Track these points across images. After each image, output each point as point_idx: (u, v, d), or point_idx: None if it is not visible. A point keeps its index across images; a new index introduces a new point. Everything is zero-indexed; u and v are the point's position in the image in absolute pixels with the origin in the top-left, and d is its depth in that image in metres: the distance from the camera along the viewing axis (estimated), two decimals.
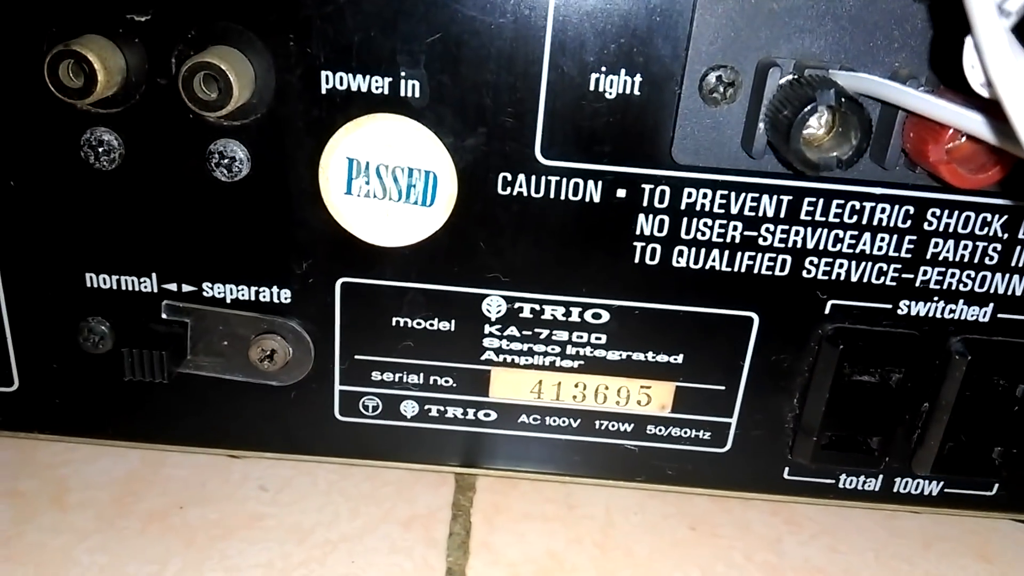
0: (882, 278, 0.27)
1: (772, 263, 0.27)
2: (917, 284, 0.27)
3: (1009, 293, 0.27)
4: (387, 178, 0.26)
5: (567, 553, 0.32)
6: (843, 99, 0.21)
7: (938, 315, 0.27)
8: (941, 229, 0.26)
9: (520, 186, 0.26)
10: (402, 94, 0.25)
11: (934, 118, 0.21)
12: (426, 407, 0.29)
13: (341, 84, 0.25)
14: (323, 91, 0.25)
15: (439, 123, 0.25)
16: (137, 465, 0.34)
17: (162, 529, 0.31)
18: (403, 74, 0.24)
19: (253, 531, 0.32)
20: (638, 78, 0.24)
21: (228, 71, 0.24)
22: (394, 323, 0.28)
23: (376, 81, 0.25)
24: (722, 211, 0.26)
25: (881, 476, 0.30)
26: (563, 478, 0.32)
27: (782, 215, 0.26)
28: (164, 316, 0.28)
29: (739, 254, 0.27)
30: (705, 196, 0.26)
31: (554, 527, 0.33)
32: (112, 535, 0.31)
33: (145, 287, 0.28)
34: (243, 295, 0.28)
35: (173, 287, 0.28)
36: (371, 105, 0.25)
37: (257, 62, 0.24)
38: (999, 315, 0.27)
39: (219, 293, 0.28)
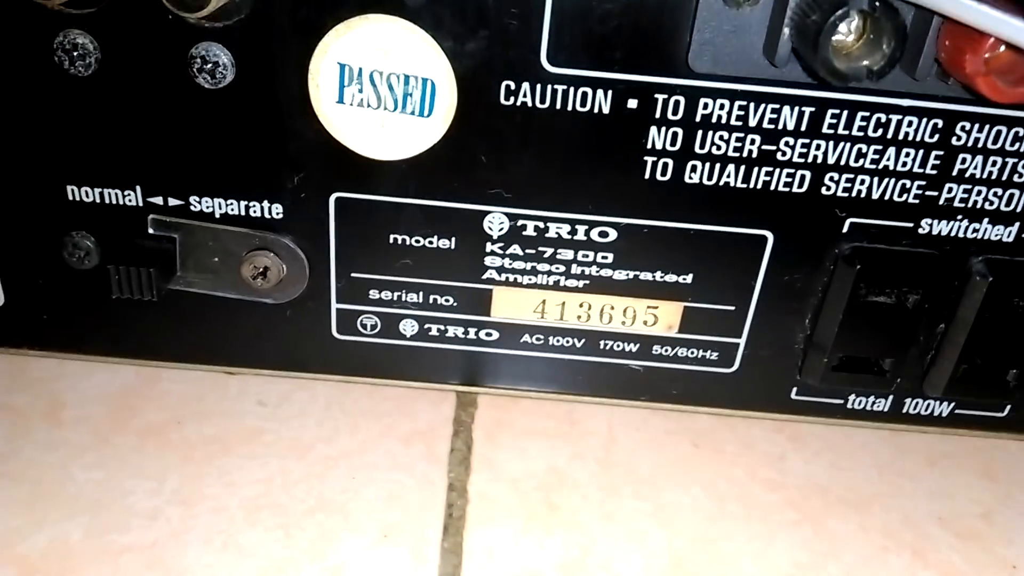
0: (904, 195, 0.25)
1: (790, 179, 0.25)
2: (941, 202, 0.26)
3: None
4: (382, 86, 0.24)
5: (569, 469, 0.32)
6: (877, 2, 0.19)
7: (961, 234, 0.26)
8: (970, 144, 0.25)
9: (524, 95, 0.24)
10: None
11: (974, 25, 0.19)
12: (426, 326, 0.28)
13: None
14: None
15: (437, 25, 0.23)
16: (132, 380, 0.33)
17: (159, 445, 0.31)
18: None
19: (252, 446, 0.31)
20: None
21: None
22: (392, 240, 0.27)
23: None
24: (739, 123, 0.24)
25: (891, 396, 0.29)
26: (566, 396, 0.31)
27: (803, 128, 0.24)
28: (151, 231, 0.27)
29: (756, 169, 0.25)
30: (722, 107, 0.24)
31: (556, 443, 0.33)
32: (108, 451, 0.30)
33: (130, 200, 0.26)
34: (233, 210, 0.26)
35: (159, 201, 0.26)
36: (364, 5, 0.23)
37: None
38: (1023, 236, 0.26)
39: (207, 207, 0.26)
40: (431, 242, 0.27)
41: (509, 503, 0.30)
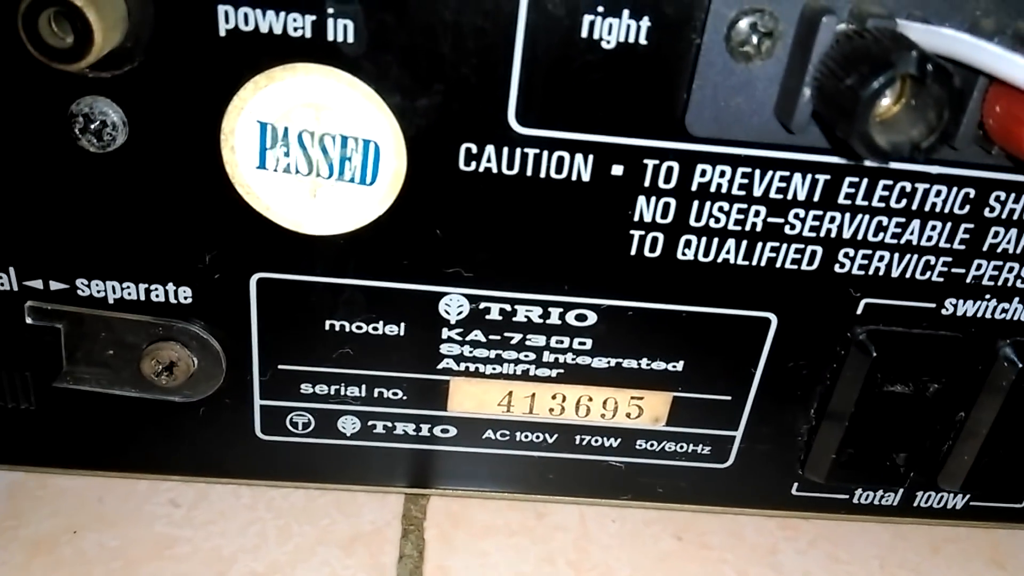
0: (928, 273, 0.22)
1: (799, 255, 0.22)
2: (968, 280, 0.22)
3: None
4: (313, 148, 0.20)
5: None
6: (929, 66, 0.16)
7: (988, 315, 0.23)
8: (1004, 216, 0.21)
9: (488, 160, 0.20)
10: (330, 38, 0.18)
11: None
12: (370, 423, 0.24)
13: (246, 23, 0.18)
14: (222, 33, 0.18)
15: (381, 77, 0.19)
16: (21, 476, 0.28)
17: (49, 564, 0.26)
18: (331, 10, 0.18)
19: (162, 562, 0.26)
20: (645, 23, 0.18)
21: (86, 7, 0.17)
22: (328, 327, 0.22)
23: (294, 20, 0.18)
24: (743, 193, 0.21)
25: (902, 491, 0.26)
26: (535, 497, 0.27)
27: (815, 199, 0.21)
28: (29, 320, 0.22)
29: (760, 245, 0.21)
30: (723, 175, 0.20)
31: (521, 543, 0.28)
32: None
33: (2, 285, 0.21)
34: (130, 294, 0.21)
35: (38, 284, 0.21)
36: (288, 52, 0.18)
37: None
38: None
39: (98, 292, 0.21)
40: (376, 328, 0.22)
41: None
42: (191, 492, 0.29)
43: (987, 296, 0.22)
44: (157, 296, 0.22)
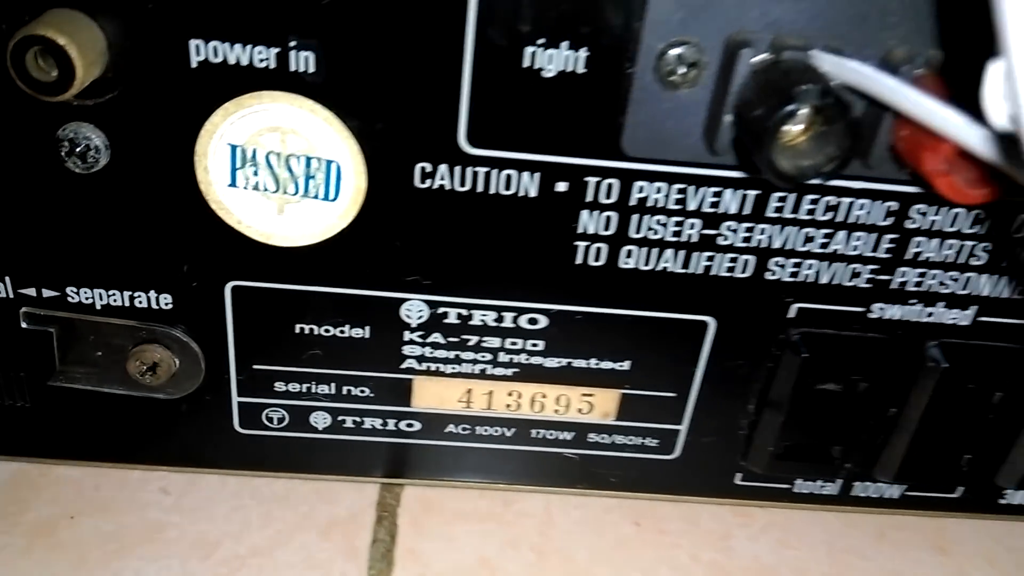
0: (855, 280, 0.24)
1: (733, 264, 0.23)
2: (893, 286, 0.24)
3: (995, 295, 0.24)
4: (280, 168, 0.21)
5: (501, 559, 0.29)
6: (829, 99, 0.17)
7: (914, 319, 0.24)
8: (926, 227, 0.23)
9: (442, 178, 0.22)
10: (293, 68, 0.20)
11: (934, 129, 0.17)
12: (340, 418, 0.26)
13: (215, 55, 0.20)
14: (193, 64, 0.20)
15: (341, 103, 0.21)
16: (23, 466, 0.30)
17: (49, 546, 0.28)
18: (293, 43, 0.20)
19: (153, 545, 0.28)
20: (583, 53, 0.20)
21: (68, 45, 0.19)
22: (297, 330, 0.24)
23: (259, 52, 0.20)
24: (678, 207, 0.22)
25: (840, 481, 0.28)
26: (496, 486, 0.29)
27: (746, 212, 0.22)
28: (24, 325, 0.24)
29: (696, 254, 0.23)
30: (659, 191, 0.22)
31: (489, 528, 0.30)
32: None
33: None
34: (115, 301, 0.23)
35: (32, 292, 0.23)
36: (255, 82, 0.20)
37: (110, 27, 0.19)
38: (980, 319, 0.24)
39: (87, 299, 0.23)
40: (342, 332, 0.24)
41: None
42: (181, 480, 0.31)
43: (912, 301, 0.24)
44: (140, 302, 0.23)
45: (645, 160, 0.21)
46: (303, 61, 0.20)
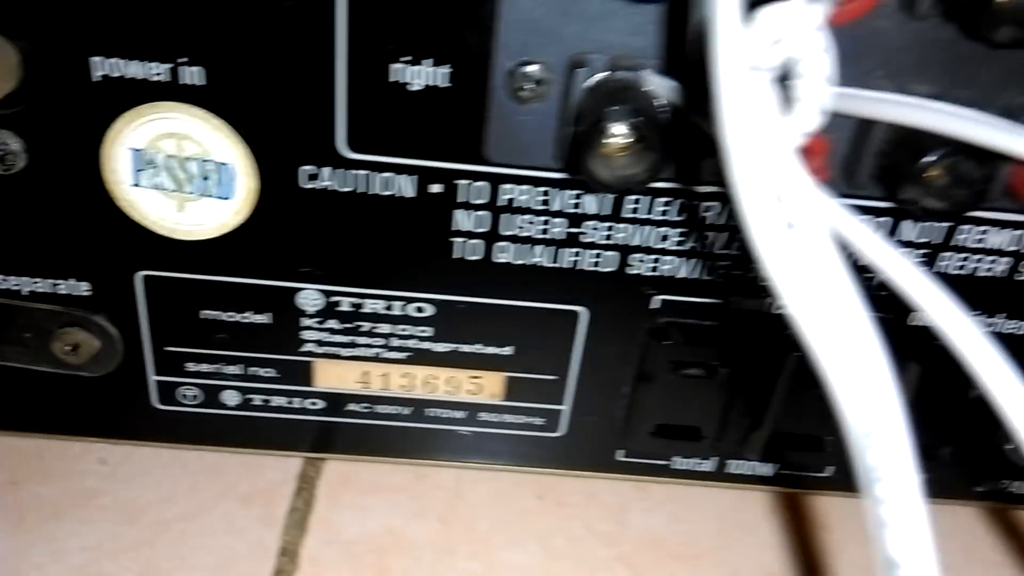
0: (712, 275, 0.26)
1: (597, 259, 0.26)
2: (750, 278, 0.26)
3: None
4: (178, 170, 0.24)
5: (408, 528, 0.32)
6: (639, 118, 0.20)
7: (771, 310, 0.27)
8: None
9: (325, 180, 0.24)
10: (184, 81, 0.22)
11: None
12: (248, 396, 0.28)
13: (115, 70, 0.22)
14: (95, 78, 0.22)
15: (228, 113, 0.23)
16: None
17: None
18: (183, 59, 0.22)
19: (87, 510, 0.31)
20: (446, 69, 0.22)
21: None
22: (203, 316, 0.26)
23: (154, 67, 0.22)
24: (543, 207, 0.25)
25: (715, 458, 0.30)
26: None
27: (606, 212, 0.25)
28: None
29: (564, 250, 0.25)
30: (524, 194, 0.24)
31: (400, 499, 0.33)
32: None
33: None
34: (40, 288, 0.26)
35: None
36: (151, 93, 0.23)
37: (21, 45, 0.22)
38: None
39: (14, 285, 0.26)
40: (245, 317, 0.26)
41: (339, 568, 0.30)
42: (118, 452, 0.33)
43: (767, 295, 0.26)
44: (62, 290, 0.26)
45: (508, 166, 0.24)
46: (193, 75, 0.22)
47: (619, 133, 0.20)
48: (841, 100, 0.20)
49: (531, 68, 0.22)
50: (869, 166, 0.22)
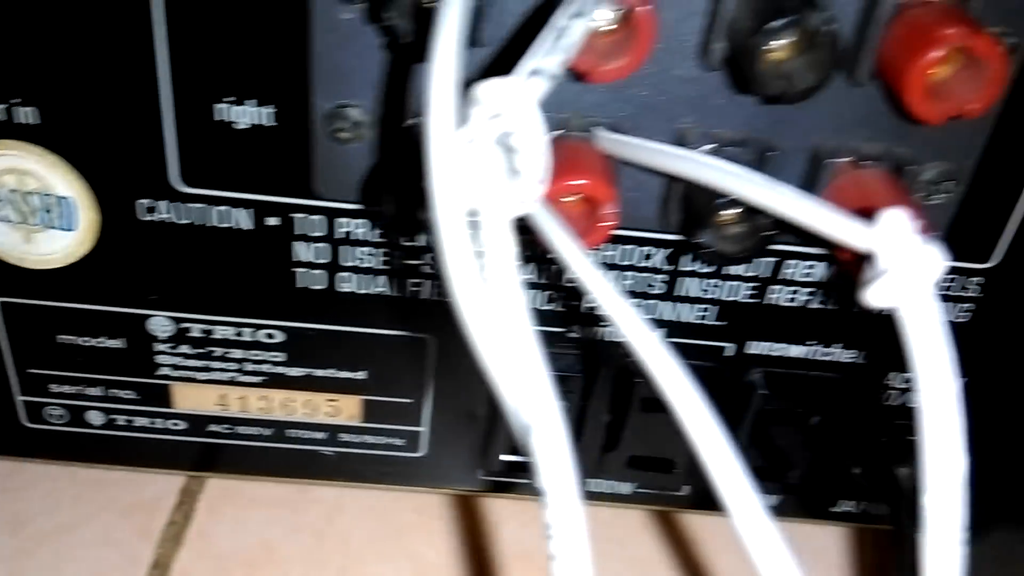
0: (552, 304, 0.27)
1: (436, 288, 0.26)
2: (582, 310, 0.27)
3: (677, 320, 0.27)
4: (21, 204, 0.25)
5: (282, 543, 0.33)
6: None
7: (603, 338, 0.27)
8: (603, 262, 0.26)
9: (163, 212, 0.25)
10: (19, 120, 0.23)
11: None
12: (112, 417, 0.29)
13: None
14: None
15: (66, 149, 0.24)
16: None
17: None
18: (16, 100, 0.23)
19: None
20: (270, 109, 0.23)
21: None
22: (60, 340, 0.27)
23: None
24: (382, 240, 0.25)
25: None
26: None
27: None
28: None
29: (406, 280, 0.26)
30: (359, 227, 0.25)
31: (279, 514, 0.34)
32: None
33: None
34: None
35: None
36: None
37: None
38: (670, 339, 0.27)
39: None
40: (100, 342, 0.27)
41: None
42: (7, 466, 0.34)
43: (601, 323, 0.27)
44: None
45: (340, 200, 0.24)
46: (27, 115, 0.23)
47: None
48: (618, 146, 0.21)
49: (348, 111, 0.23)
50: (675, 209, 0.23)
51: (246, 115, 0.23)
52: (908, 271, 0.16)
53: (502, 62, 0.21)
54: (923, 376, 0.15)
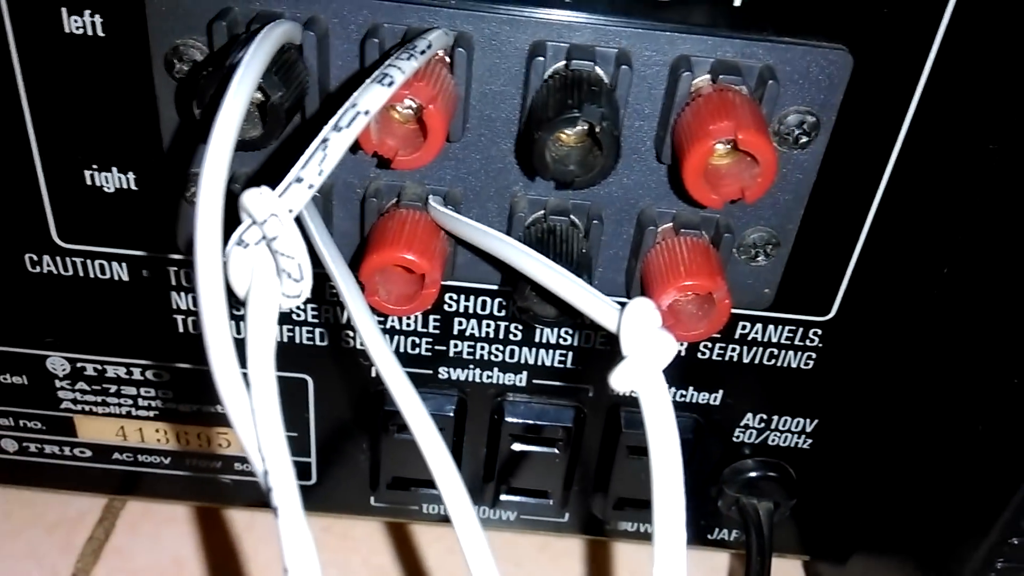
0: (417, 349, 0.28)
1: (312, 334, 0.28)
2: (451, 354, 0.28)
3: (538, 364, 0.28)
4: None
5: (190, 559, 0.35)
6: None
7: (477, 380, 0.29)
8: (461, 311, 0.27)
9: (47, 265, 0.27)
10: None
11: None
12: (24, 444, 0.31)
13: None
14: None
15: None
16: None
17: None
18: None
19: None
20: (131, 176, 0.25)
21: None
22: None
23: None
24: None
25: None
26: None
27: (309, 296, 0.27)
28: None
29: (282, 327, 0.28)
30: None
31: (190, 531, 0.36)
32: None
33: None
34: None
35: None
36: None
37: None
38: (534, 381, 0.29)
39: None
40: (5, 379, 0.29)
41: None
42: None
43: (471, 366, 0.28)
44: None
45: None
46: None
47: None
48: (442, 218, 0.23)
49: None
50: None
51: (111, 180, 0.25)
52: (643, 358, 0.17)
53: None
54: (654, 442, 0.17)
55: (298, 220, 0.18)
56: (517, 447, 0.30)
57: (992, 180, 0.23)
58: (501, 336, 0.28)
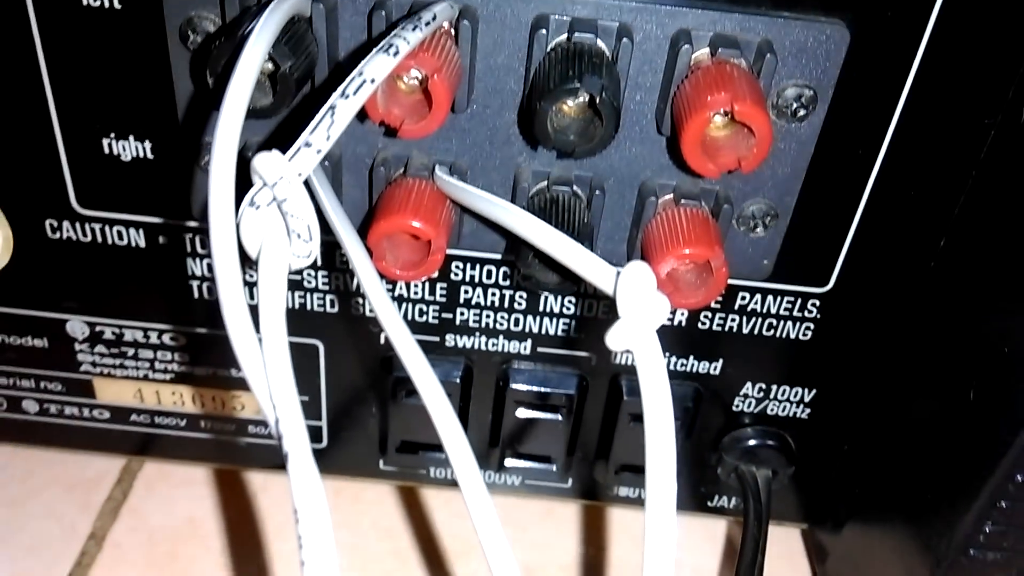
0: (424, 317, 0.29)
1: (322, 302, 0.29)
2: (457, 322, 0.29)
3: (542, 332, 0.29)
4: None
5: (205, 519, 0.36)
6: None
7: (483, 347, 0.29)
8: (467, 279, 0.28)
9: (67, 231, 0.27)
10: None
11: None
12: (45, 406, 0.32)
13: None
14: None
15: None
16: None
17: None
18: None
19: None
20: (148, 144, 0.25)
21: None
22: None
23: None
24: None
25: None
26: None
27: (320, 263, 0.28)
28: None
29: (294, 293, 0.29)
30: None
31: (204, 492, 0.37)
32: None
33: None
34: None
35: None
36: None
37: None
38: (538, 349, 0.29)
39: None
40: (27, 342, 0.30)
41: (137, 553, 0.34)
42: None
43: (477, 334, 0.29)
44: None
45: None
46: None
47: None
48: (447, 187, 0.23)
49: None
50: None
51: (128, 149, 0.26)
52: (639, 318, 0.18)
53: None
54: (648, 400, 0.18)
55: (308, 187, 0.19)
56: (522, 413, 0.30)
57: (988, 153, 0.24)
58: (506, 305, 0.28)
